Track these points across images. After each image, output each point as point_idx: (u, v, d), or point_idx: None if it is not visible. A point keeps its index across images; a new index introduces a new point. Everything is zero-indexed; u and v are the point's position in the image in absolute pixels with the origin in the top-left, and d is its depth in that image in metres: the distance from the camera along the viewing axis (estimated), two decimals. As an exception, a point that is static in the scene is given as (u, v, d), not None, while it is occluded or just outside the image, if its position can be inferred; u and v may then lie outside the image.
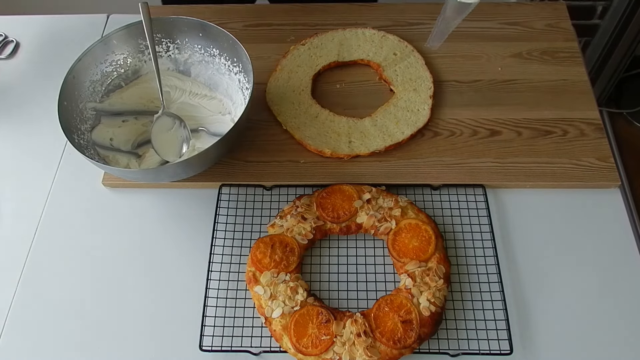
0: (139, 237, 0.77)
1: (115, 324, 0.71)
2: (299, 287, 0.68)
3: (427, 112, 0.84)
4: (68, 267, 0.75)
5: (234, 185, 0.80)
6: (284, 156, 0.82)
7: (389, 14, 0.97)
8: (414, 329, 0.64)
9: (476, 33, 0.94)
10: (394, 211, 0.73)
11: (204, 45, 0.82)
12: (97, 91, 0.81)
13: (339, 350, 0.64)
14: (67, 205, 0.80)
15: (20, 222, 0.79)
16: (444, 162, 0.80)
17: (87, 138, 0.78)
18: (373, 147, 0.81)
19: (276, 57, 0.92)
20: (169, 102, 0.84)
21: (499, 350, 0.66)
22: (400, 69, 0.89)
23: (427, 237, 0.71)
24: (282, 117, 0.85)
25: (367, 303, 0.70)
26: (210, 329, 0.68)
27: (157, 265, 0.75)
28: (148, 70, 0.84)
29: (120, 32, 0.80)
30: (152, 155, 0.80)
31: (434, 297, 0.66)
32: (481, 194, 0.78)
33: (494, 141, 0.82)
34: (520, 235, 0.75)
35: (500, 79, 0.89)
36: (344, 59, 0.91)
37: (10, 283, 0.74)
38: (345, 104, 0.87)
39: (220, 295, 0.71)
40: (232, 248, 0.75)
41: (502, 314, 0.68)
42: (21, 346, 0.69)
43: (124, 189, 0.81)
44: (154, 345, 0.69)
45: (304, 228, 0.72)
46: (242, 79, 0.81)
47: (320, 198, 0.75)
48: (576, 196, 0.78)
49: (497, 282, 0.71)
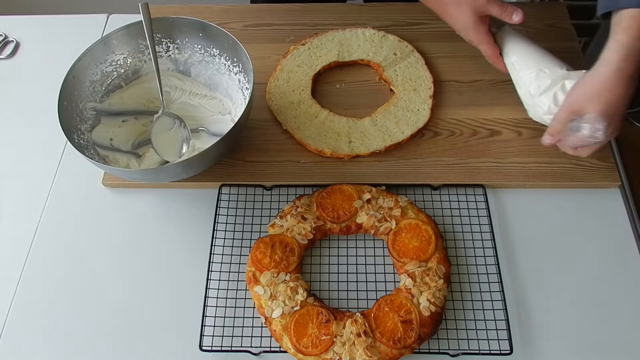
0: (139, 237, 0.77)
1: (115, 323, 0.71)
2: (299, 287, 0.68)
3: (427, 112, 0.84)
4: (68, 267, 0.75)
5: (234, 185, 0.80)
6: (284, 156, 0.82)
7: (389, 14, 0.97)
8: (414, 329, 0.64)
9: (476, 33, 0.94)
10: (394, 211, 0.73)
11: (204, 45, 0.82)
12: (97, 91, 0.81)
13: (339, 350, 0.64)
14: (67, 205, 0.80)
15: (20, 222, 0.79)
16: (444, 162, 0.80)
17: (87, 138, 0.78)
18: (373, 147, 0.81)
19: (276, 57, 0.92)
20: (169, 102, 0.84)
21: (499, 350, 0.66)
22: (400, 69, 0.89)
23: (427, 237, 0.71)
24: (282, 117, 0.85)
25: (367, 303, 0.70)
26: (210, 329, 0.68)
27: (157, 265, 0.75)
28: (148, 70, 0.84)
29: (120, 32, 0.80)
30: (152, 155, 0.80)
31: (434, 297, 0.66)
32: (481, 194, 0.78)
33: (494, 141, 0.82)
34: (520, 235, 0.75)
35: (500, 79, 0.89)
36: (344, 59, 0.91)
37: (10, 283, 0.74)
38: (345, 104, 0.87)
39: (220, 295, 0.71)
40: (232, 248, 0.75)
41: (502, 314, 0.68)
42: (21, 346, 0.69)
43: (124, 189, 0.81)
44: (154, 345, 0.69)
45: (304, 228, 0.72)
46: (242, 79, 0.81)
47: (320, 198, 0.75)
48: (576, 196, 0.78)
49: (497, 282, 0.71)
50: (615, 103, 0.66)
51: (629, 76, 0.65)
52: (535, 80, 0.77)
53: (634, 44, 0.64)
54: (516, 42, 0.80)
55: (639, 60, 0.65)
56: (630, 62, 0.65)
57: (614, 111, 0.67)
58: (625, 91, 0.66)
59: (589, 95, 0.67)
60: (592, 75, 0.67)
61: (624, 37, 0.64)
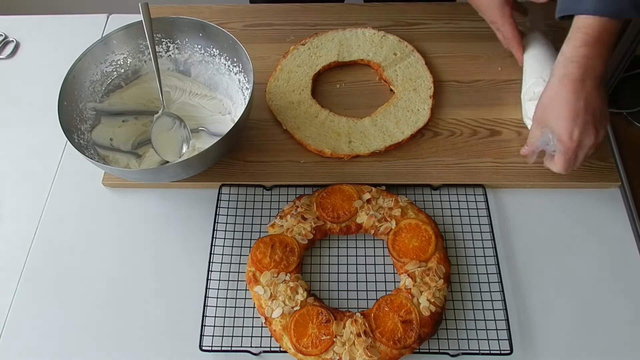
0: (139, 237, 0.77)
1: (115, 323, 0.70)
2: (299, 287, 0.68)
3: (427, 112, 0.84)
4: (68, 267, 0.75)
5: (234, 185, 0.80)
6: (284, 156, 0.82)
7: (389, 14, 0.97)
8: (414, 329, 0.64)
9: (476, 33, 0.94)
10: (394, 211, 0.73)
11: (204, 45, 0.82)
12: (97, 91, 0.81)
13: (339, 350, 0.64)
14: (67, 205, 0.80)
15: (20, 222, 0.79)
16: (444, 162, 0.80)
17: (87, 138, 0.78)
18: (373, 147, 0.81)
19: (276, 57, 0.92)
20: (169, 102, 0.84)
21: (499, 350, 0.66)
22: (400, 69, 0.89)
23: (427, 237, 0.71)
24: (282, 117, 0.85)
25: (367, 303, 0.70)
26: (210, 329, 0.68)
27: (157, 265, 0.75)
28: (148, 70, 0.84)
29: (120, 32, 0.80)
30: (152, 155, 0.80)
31: (434, 297, 0.66)
32: (481, 194, 0.78)
33: (494, 141, 0.82)
34: (520, 235, 0.75)
35: (500, 79, 0.89)
36: (344, 59, 0.91)
37: (10, 283, 0.74)
38: (345, 104, 0.87)
39: (220, 295, 0.71)
40: (232, 248, 0.75)
41: (502, 314, 0.68)
42: (21, 346, 0.69)
43: (124, 189, 0.81)
44: (154, 345, 0.69)
45: (304, 228, 0.72)
46: (242, 79, 0.81)
47: (320, 198, 0.75)
48: (576, 196, 0.78)
49: (497, 282, 0.71)
50: (572, 108, 0.66)
51: (576, 80, 0.66)
52: (533, 86, 0.79)
53: (577, 52, 0.66)
54: (537, 47, 0.82)
55: (586, 64, 0.66)
56: (574, 67, 0.66)
57: (573, 115, 0.66)
58: (577, 95, 0.66)
59: (544, 105, 0.70)
60: (546, 87, 0.70)
61: (566, 47, 0.68)
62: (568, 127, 0.66)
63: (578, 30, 0.66)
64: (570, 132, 0.66)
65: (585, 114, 0.66)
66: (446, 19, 0.97)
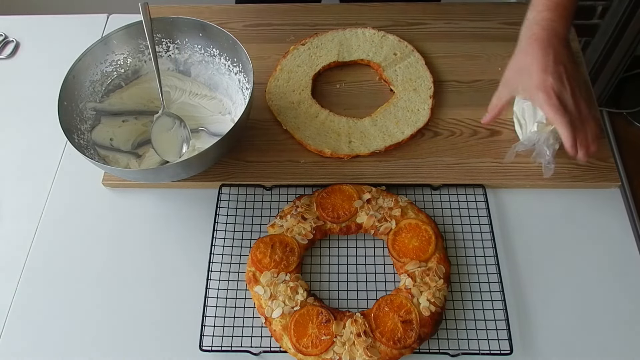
0: (139, 237, 0.77)
1: (115, 323, 0.71)
2: (299, 287, 0.68)
3: (427, 112, 0.84)
4: (68, 267, 0.75)
5: (234, 185, 0.80)
6: (284, 156, 0.82)
7: (389, 14, 0.97)
8: (414, 329, 0.64)
9: (476, 33, 0.94)
10: (394, 211, 0.73)
11: (204, 45, 0.82)
12: (97, 91, 0.81)
13: (339, 350, 0.64)
14: (67, 205, 0.80)
15: (20, 222, 0.79)
16: (444, 162, 0.80)
17: (87, 138, 0.78)
18: (373, 147, 0.81)
19: (276, 57, 0.92)
20: (169, 102, 0.84)
21: (499, 350, 0.66)
22: (400, 69, 0.89)
23: (427, 237, 0.71)
24: (282, 117, 0.85)
25: (367, 303, 0.70)
26: (210, 329, 0.68)
27: (157, 265, 0.75)
28: (148, 70, 0.84)
29: (120, 32, 0.80)
30: (152, 155, 0.80)
31: (434, 297, 0.66)
32: (481, 194, 0.78)
33: (494, 141, 0.82)
34: (520, 235, 0.75)
35: (500, 79, 0.88)
36: (344, 59, 0.91)
37: (10, 283, 0.74)
38: (345, 104, 0.87)
39: (220, 295, 0.71)
40: (232, 248, 0.75)
41: (502, 314, 0.68)
42: (21, 346, 0.69)
43: (124, 189, 0.81)
44: (154, 345, 0.69)
45: (304, 228, 0.72)
46: (242, 79, 0.81)
47: (320, 198, 0.75)
48: (576, 196, 0.78)
49: (497, 282, 0.71)
50: (541, 61, 0.68)
51: (542, 39, 0.68)
52: None
53: (540, 16, 0.70)
54: None
55: (549, 26, 0.69)
56: (538, 28, 0.69)
57: (543, 66, 0.67)
58: (545, 51, 0.68)
59: (514, 66, 0.72)
60: (515, 51, 0.73)
61: (530, 13, 0.72)
62: (540, 77, 0.68)
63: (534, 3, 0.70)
64: (543, 81, 0.67)
65: (555, 64, 0.68)
66: (446, 19, 0.97)
